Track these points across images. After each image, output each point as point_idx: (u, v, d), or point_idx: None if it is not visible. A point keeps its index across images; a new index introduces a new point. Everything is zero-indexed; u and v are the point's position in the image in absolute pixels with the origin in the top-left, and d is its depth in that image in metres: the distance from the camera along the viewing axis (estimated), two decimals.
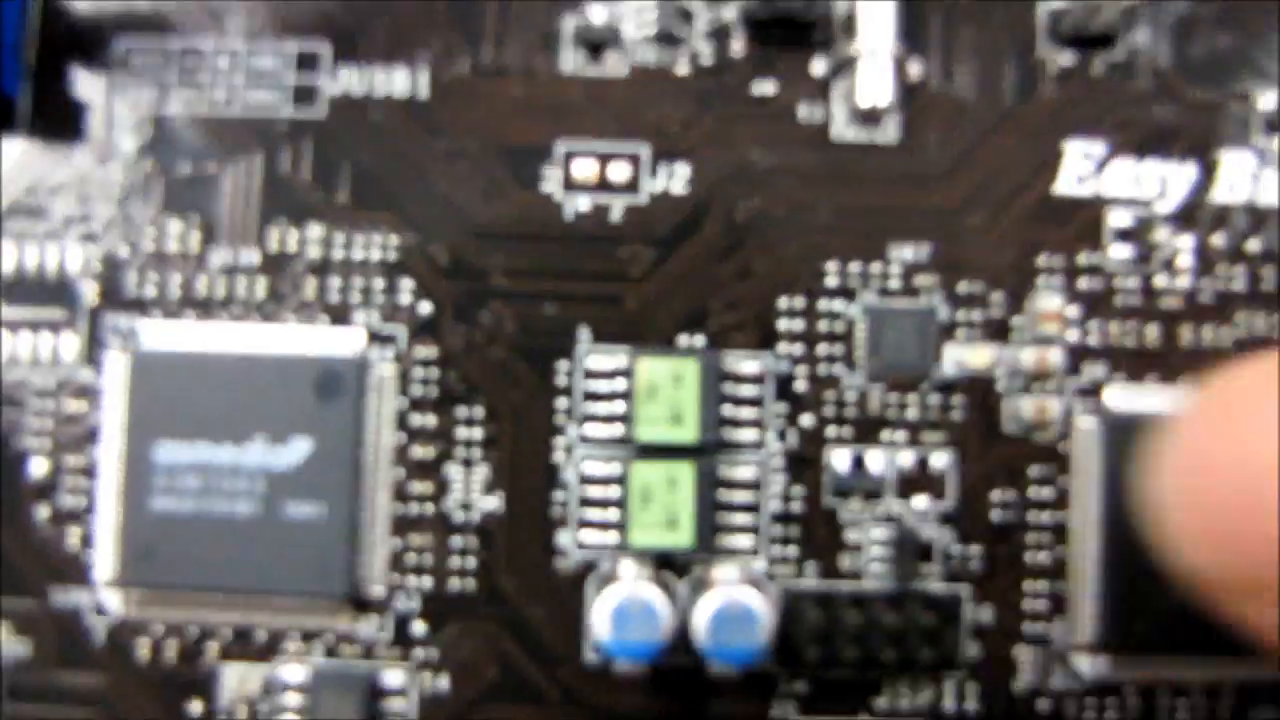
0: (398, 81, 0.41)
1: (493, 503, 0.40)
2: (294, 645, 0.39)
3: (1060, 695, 0.40)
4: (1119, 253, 0.41)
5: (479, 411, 0.40)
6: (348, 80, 0.41)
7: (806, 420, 0.40)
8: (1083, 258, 0.41)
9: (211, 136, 0.41)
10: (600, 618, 0.37)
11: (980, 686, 0.40)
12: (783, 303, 0.40)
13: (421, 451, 0.40)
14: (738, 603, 0.37)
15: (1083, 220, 0.41)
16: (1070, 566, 0.40)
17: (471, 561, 0.40)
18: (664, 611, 0.37)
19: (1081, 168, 0.41)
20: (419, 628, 0.39)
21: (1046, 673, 0.40)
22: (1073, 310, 0.41)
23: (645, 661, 0.38)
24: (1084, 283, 0.41)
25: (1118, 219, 0.41)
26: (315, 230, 0.40)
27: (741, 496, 0.40)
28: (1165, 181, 0.41)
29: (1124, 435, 0.40)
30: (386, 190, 0.40)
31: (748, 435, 0.40)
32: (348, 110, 0.41)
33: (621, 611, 0.37)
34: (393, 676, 0.39)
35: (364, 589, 0.39)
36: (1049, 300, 0.41)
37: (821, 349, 0.40)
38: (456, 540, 0.40)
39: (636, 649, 0.37)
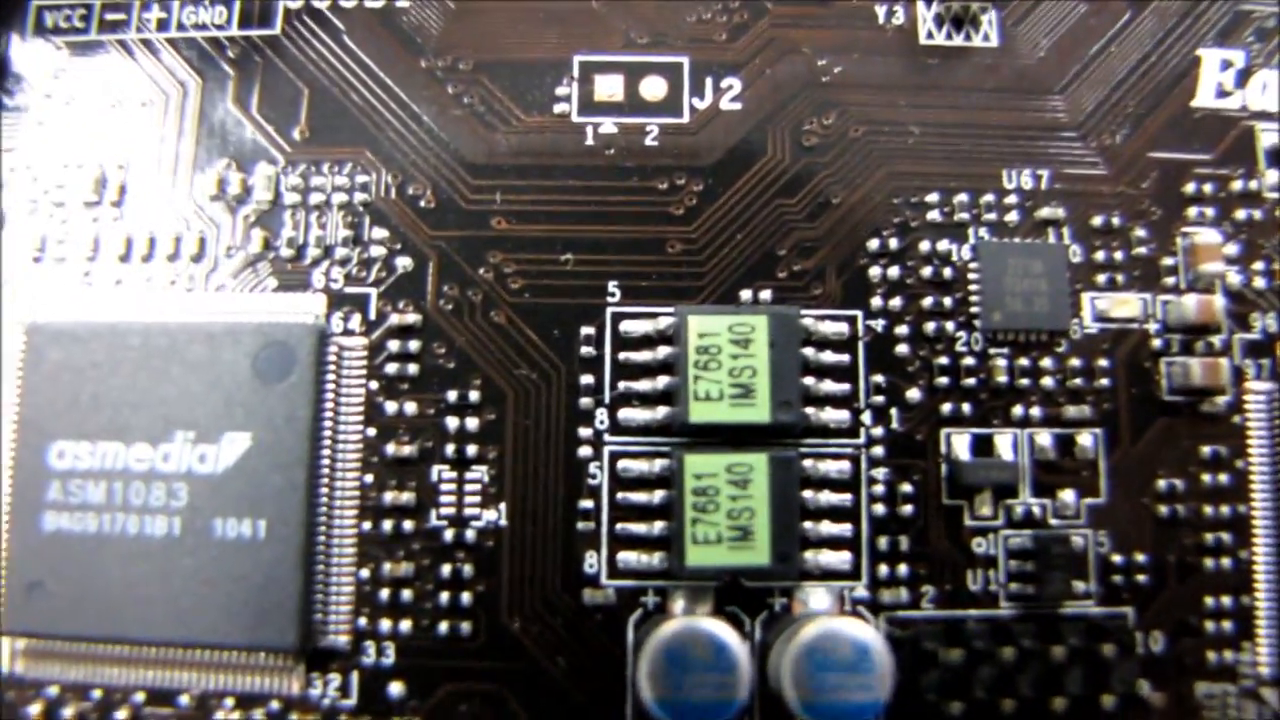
0: None
1: (494, 516, 0.29)
2: (227, 714, 0.29)
3: None
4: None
5: (474, 395, 0.30)
6: None
7: (913, 394, 0.30)
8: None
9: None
10: (649, 669, 0.27)
11: None
12: (873, 244, 0.31)
13: (398, 449, 0.29)
14: (845, 637, 0.27)
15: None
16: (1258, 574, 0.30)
17: (467, 597, 0.29)
18: (739, 654, 0.27)
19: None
20: (395, 689, 0.29)
21: (1238, 715, 0.30)
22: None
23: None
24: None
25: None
26: (263, 170, 0.31)
27: (833, 500, 0.30)
28: None
29: None
30: (353, 120, 0.31)
31: (837, 416, 0.30)
32: (305, 23, 0.32)
33: (678, 657, 0.27)
34: None
35: (320, 638, 0.29)
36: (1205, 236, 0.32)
37: (927, 302, 0.31)
38: (446, 569, 0.29)
39: (703, 710, 0.27)
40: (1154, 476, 0.31)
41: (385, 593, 0.29)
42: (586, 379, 0.30)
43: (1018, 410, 0.30)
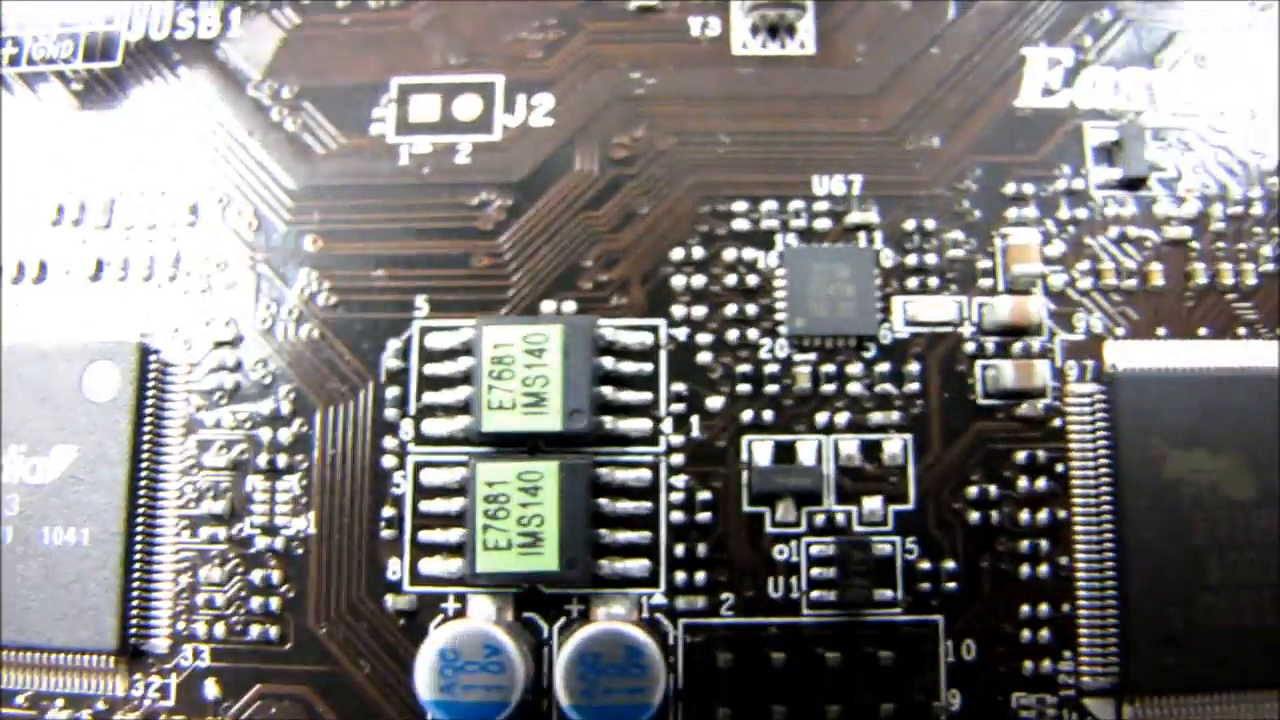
0: (198, 19, 0.34)
1: (303, 524, 0.30)
2: (57, 714, 0.30)
3: None
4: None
5: (286, 408, 0.31)
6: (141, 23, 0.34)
7: (714, 402, 0.31)
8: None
9: None
10: (423, 668, 0.27)
11: None
12: (677, 254, 0.31)
13: (214, 460, 0.31)
14: (615, 637, 0.27)
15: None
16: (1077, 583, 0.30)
17: (275, 602, 0.30)
18: (510, 654, 0.27)
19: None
20: (211, 690, 0.30)
21: None
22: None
23: None
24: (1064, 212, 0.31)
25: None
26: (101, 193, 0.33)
27: (630, 507, 0.30)
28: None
29: (1137, 400, 0.30)
30: (175, 142, 0.33)
31: (636, 425, 0.30)
32: (144, 55, 0.34)
33: (449, 657, 0.27)
34: None
35: (140, 641, 0.30)
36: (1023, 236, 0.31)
37: (730, 310, 0.31)
38: (257, 575, 0.30)
39: (469, 711, 0.27)
40: (966, 482, 0.30)
41: (201, 598, 0.30)
42: (393, 391, 0.31)
43: (821, 417, 0.30)
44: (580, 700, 0.27)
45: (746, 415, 0.30)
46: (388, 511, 0.30)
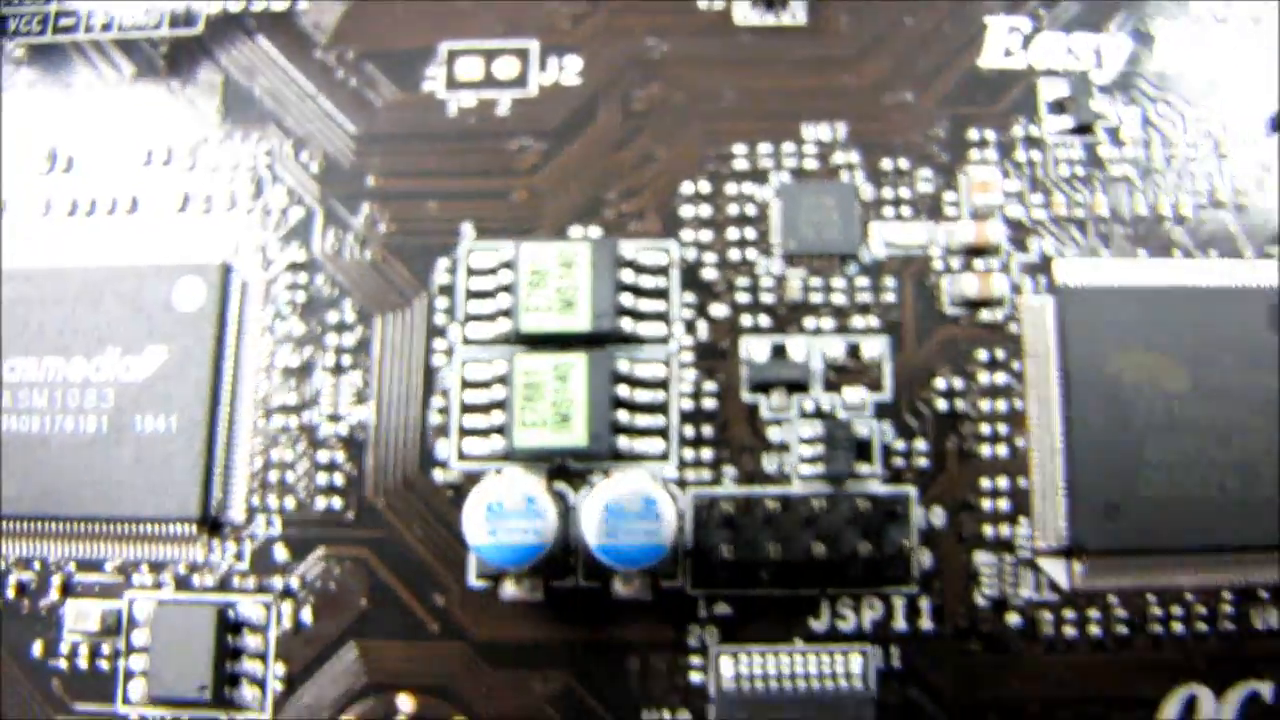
0: None
1: (364, 413, 0.35)
2: (142, 577, 0.35)
3: (1032, 607, 0.34)
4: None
5: (350, 317, 0.36)
6: None
7: (718, 310, 0.36)
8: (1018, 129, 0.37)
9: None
10: (472, 519, 0.32)
11: (935, 601, 0.34)
12: (686, 188, 0.37)
13: (287, 360, 0.36)
14: (635, 489, 0.32)
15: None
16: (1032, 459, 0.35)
17: (339, 479, 0.35)
18: (545, 505, 0.32)
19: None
20: (280, 554, 0.34)
21: (1015, 582, 0.34)
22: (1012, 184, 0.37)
23: (523, 565, 0.32)
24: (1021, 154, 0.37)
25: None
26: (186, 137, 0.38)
27: (647, 395, 0.35)
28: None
29: (1083, 310, 0.35)
30: (261, 104, 0.38)
31: (653, 329, 0.35)
32: (223, 25, 0.39)
33: (494, 508, 0.32)
34: (249, 609, 0.34)
35: (220, 511, 0.35)
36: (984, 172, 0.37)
37: (732, 233, 0.36)
38: (323, 455, 0.35)
39: (515, 553, 0.31)
40: (935, 376, 0.35)
41: (274, 475, 0.35)
42: (443, 302, 0.36)
43: (810, 321, 0.35)
44: (605, 541, 0.31)
45: (746, 320, 0.35)
46: (437, 402, 0.35)
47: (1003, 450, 0.35)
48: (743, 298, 0.36)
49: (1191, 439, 0.35)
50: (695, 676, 0.33)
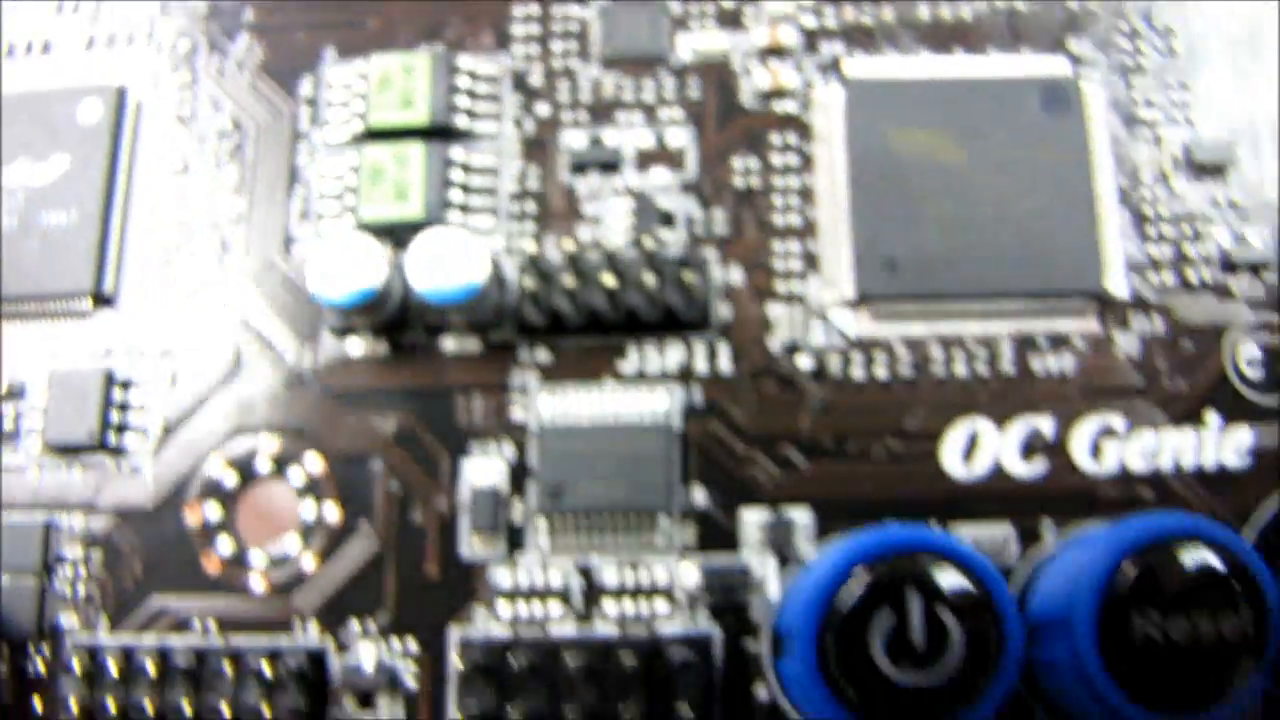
0: None
1: (240, 204, 0.41)
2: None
3: (822, 351, 0.38)
4: None
5: (228, 124, 0.41)
6: None
7: (543, 109, 0.41)
8: None
9: None
10: (314, 269, 0.37)
11: (733, 345, 0.38)
12: (518, 10, 0.42)
13: (171, 164, 0.41)
14: (451, 236, 0.36)
15: None
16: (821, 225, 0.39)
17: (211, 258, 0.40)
18: (377, 255, 0.36)
19: None
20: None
21: (805, 329, 0.38)
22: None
23: (354, 307, 0.36)
24: None
25: None
26: None
27: (480, 181, 0.40)
28: None
29: (868, 100, 0.40)
30: None
31: (486, 127, 0.40)
32: None
33: (333, 259, 0.37)
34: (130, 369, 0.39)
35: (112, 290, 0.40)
36: None
37: (557, 46, 0.41)
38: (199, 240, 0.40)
39: (349, 298, 0.36)
40: (731, 155, 0.40)
41: (157, 256, 0.40)
42: (306, 112, 0.41)
43: (622, 115, 0.40)
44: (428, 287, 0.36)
45: (566, 116, 0.40)
46: (299, 192, 0.40)
47: (795, 219, 0.39)
48: (563, 98, 0.41)
49: (966, 204, 0.39)
50: (518, 413, 0.38)
